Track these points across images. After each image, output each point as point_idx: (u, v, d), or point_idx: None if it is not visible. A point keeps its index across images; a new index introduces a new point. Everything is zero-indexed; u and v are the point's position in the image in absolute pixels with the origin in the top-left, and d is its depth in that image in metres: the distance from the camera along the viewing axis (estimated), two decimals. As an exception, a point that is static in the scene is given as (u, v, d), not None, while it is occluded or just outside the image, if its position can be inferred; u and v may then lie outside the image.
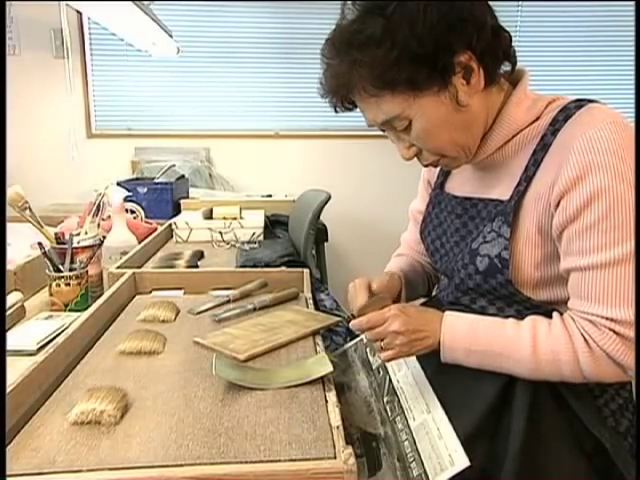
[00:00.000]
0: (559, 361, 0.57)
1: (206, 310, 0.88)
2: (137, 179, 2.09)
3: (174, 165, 2.16)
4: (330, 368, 0.62)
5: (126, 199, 1.35)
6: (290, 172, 2.61)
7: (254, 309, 0.88)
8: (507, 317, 0.63)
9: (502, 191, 0.66)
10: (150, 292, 1.00)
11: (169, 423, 0.53)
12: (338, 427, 0.51)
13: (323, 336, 0.80)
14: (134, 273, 1.00)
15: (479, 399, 0.61)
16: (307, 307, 0.91)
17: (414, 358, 0.69)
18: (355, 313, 0.65)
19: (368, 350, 0.80)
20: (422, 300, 0.88)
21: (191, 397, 0.59)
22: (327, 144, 2.63)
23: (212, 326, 0.82)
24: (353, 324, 0.64)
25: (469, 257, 0.66)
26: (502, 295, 0.65)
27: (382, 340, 0.62)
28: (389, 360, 0.64)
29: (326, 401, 0.58)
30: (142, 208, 1.65)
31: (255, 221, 1.57)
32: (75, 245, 0.93)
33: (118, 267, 1.04)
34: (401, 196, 1.92)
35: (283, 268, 1.15)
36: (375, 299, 0.65)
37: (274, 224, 1.75)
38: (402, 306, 0.64)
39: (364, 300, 0.68)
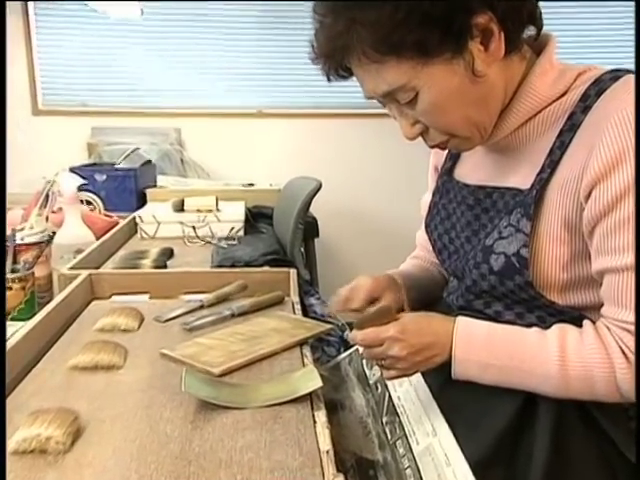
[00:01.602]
0: (592, 378, 0.57)
1: (175, 317, 0.89)
2: (94, 164, 2.09)
3: (138, 148, 2.15)
4: (319, 383, 0.62)
5: (81, 188, 1.35)
6: (275, 157, 2.61)
7: (232, 316, 0.89)
8: (528, 325, 0.63)
9: (522, 178, 0.66)
10: (109, 297, 1.01)
11: (129, 450, 0.53)
12: (328, 452, 0.52)
13: (313, 347, 0.81)
14: (90, 275, 1.01)
15: (494, 420, 0.61)
16: (294, 313, 0.92)
17: (418, 373, 0.68)
18: (354, 324, 0.66)
19: (365, 362, 0.80)
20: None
21: (156, 419, 0.59)
22: (318, 124, 2.64)
23: (182, 336, 0.82)
24: (350, 337, 0.64)
25: (482, 255, 0.66)
26: (521, 299, 0.65)
27: (382, 359, 0.63)
28: (391, 379, 0.64)
29: (314, 421, 0.58)
30: (100, 199, 1.65)
31: (234, 214, 1.58)
32: (19, 242, 0.93)
33: (71, 268, 1.04)
34: (405, 184, 1.92)
35: (266, 268, 1.15)
36: (376, 312, 0.65)
37: (256, 217, 1.76)
38: (402, 326, 0.62)
39: (359, 304, 0.68)
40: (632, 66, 0.63)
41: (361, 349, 0.77)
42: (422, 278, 0.85)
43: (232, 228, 1.51)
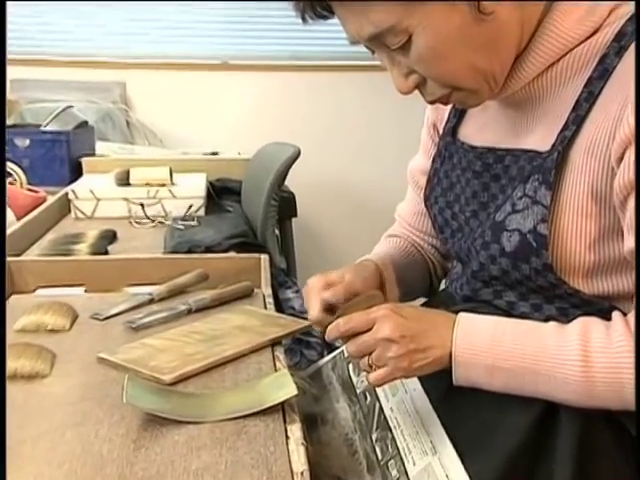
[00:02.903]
0: (621, 382, 0.57)
1: (118, 314, 0.89)
2: (14, 126, 2.04)
3: (72, 107, 2.11)
4: (293, 391, 0.63)
5: (-3, 155, 1.32)
6: (244, 119, 2.59)
7: (188, 311, 0.90)
8: (547, 319, 0.64)
9: (541, 138, 0.66)
10: (34, 290, 1.01)
11: (55, 476, 0.53)
12: (303, 473, 0.52)
13: (290, 350, 0.82)
14: (9, 263, 1.00)
15: (506, 435, 0.61)
16: (265, 308, 0.92)
17: (414, 378, 0.69)
18: (314, 327, 0.67)
19: (351, 367, 0.80)
20: (423, 300, 0.89)
21: (90, 437, 0.58)
22: (296, 79, 2.62)
23: (126, 336, 0.82)
24: (329, 331, 0.64)
25: (492, 233, 0.67)
26: (538, 287, 0.66)
27: (369, 355, 0.63)
28: (380, 383, 0.64)
29: (287, 437, 0.58)
30: (22, 169, 1.62)
31: (193, 189, 1.58)
32: None
33: (-16, 254, 1.03)
34: (401, 152, 1.90)
35: (232, 254, 1.15)
36: (360, 298, 0.66)
37: (221, 193, 1.75)
38: (395, 304, 0.64)
39: (317, 310, 0.68)
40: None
41: (345, 350, 0.78)
42: (406, 265, 0.86)
43: (190, 206, 1.51)
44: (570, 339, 0.60)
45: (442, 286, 0.90)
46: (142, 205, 1.49)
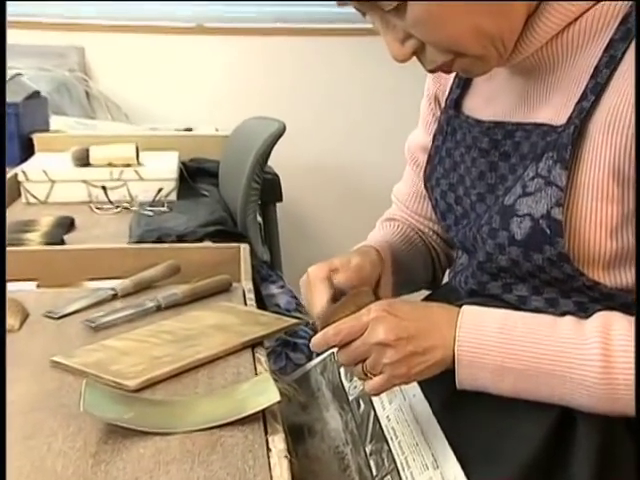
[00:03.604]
0: None
1: (76, 312, 0.89)
2: (-45, 98, 2.02)
3: (21, 75, 2.09)
4: (276, 397, 0.63)
5: None
6: (221, 90, 2.58)
7: (157, 309, 0.90)
8: (562, 315, 0.65)
9: (555, 110, 0.67)
10: None
11: (3, 495, 0.52)
12: (287, 491, 0.52)
13: (274, 353, 0.83)
14: None
15: (517, 446, 0.61)
16: (245, 305, 0.93)
17: (414, 383, 0.69)
18: (317, 324, 0.67)
19: (342, 371, 0.81)
20: (426, 293, 0.91)
21: (42, 452, 0.58)
22: (280, 44, 2.61)
23: (85, 337, 0.82)
24: (315, 342, 0.65)
25: (500, 219, 0.67)
26: (553, 279, 0.66)
27: (363, 362, 0.63)
28: (377, 392, 0.65)
29: (268, 449, 0.58)
30: (-35, 146, 1.60)
31: (163, 170, 1.58)
32: None
33: None
34: (398, 128, 1.89)
35: (207, 243, 1.16)
36: (347, 298, 0.67)
37: (195, 174, 1.76)
38: (388, 303, 0.65)
39: (324, 302, 0.69)
40: None
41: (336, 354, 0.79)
42: (405, 251, 0.86)
43: (159, 189, 1.51)
44: (589, 336, 0.60)
45: (445, 279, 0.91)
46: (104, 188, 1.49)
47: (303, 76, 2.63)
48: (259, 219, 1.81)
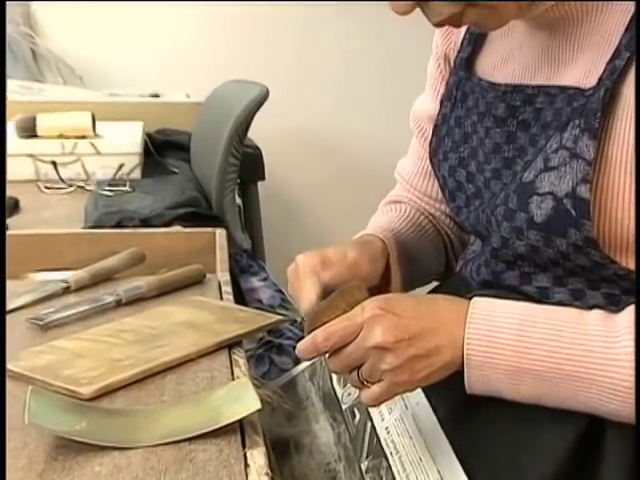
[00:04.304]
0: None
1: (20, 308, 0.89)
2: None
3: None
4: (256, 404, 0.62)
5: None
6: (193, 49, 2.55)
7: (117, 304, 0.90)
8: (590, 309, 0.65)
9: (583, 71, 0.67)
10: None
11: None
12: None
13: (256, 357, 0.83)
14: None
15: (538, 459, 0.62)
16: (220, 299, 0.93)
17: (417, 389, 0.69)
18: (305, 325, 0.68)
19: (335, 377, 0.81)
20: (434, 285, 0.91)
21: (-19, 470, 0.57)
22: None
23: (32, 337, 0.82)
24: (302, 349, 0.65)
25: (518, 198, 0.67)
26: (579, 268, 0.66)
27: (359, 368, 0.64)
28: (376, 403, 0.66)
29: (246, 465, 0.58)
30: None
31: (124, 143, 1.59)
32: None
33: None
34: (397, 95, 1.90)
35: (177, 228, 1.16)
36: (337, 295, 0.66)
37: (163, 148, 1.76)
38: (385, 299, 0.65)
39: (313, 297, 0.69)
40: None
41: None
42: (414, 240, 0.87)
43: (121, 166, 1.51)
44: (621, 332, 0.60)
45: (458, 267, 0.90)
46: (54, 164, 1.49)
47: (287, 33, 2.60)
48: (238, 200, 1.82)
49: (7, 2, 2.38)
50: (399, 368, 0.62)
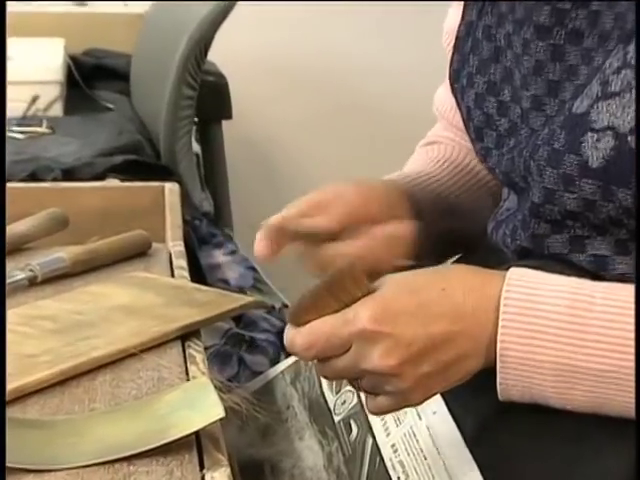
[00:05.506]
0: None
1: None
2: None
3: None
4: (218, 412, 0.63)
5: None
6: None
7: (31, 282, 0.92)
8: None
9: None
10: None
11: None
12: None
13: (221, 356, 0.87)
14: None
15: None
16: (172, 276, 0.97)
17: (437, 396, 0.71)
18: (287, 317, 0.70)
19: (325, 381, 0.83)
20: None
21: None
22: None
23: None
24: (286, 342, 0.67)
25: (566, 135, 0.68)
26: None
27: (356, 379, 0.67)
28: (383, 412, 0.69)
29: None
30: None
31: (40, 67, 1.62)
32: None
33: None
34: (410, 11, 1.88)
35: (113, 181, 1.16)
36: (324, 284, 0.66)
37: (93, 76, 1.79)
38: (383, 303, 0.65)
39: (291, 212, 0.77)
40: None
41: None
42: (458, 187, 0.90)
43: (35, 98, 1.53)
44: None
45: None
46: (-53, 97, 1.49)
47: None
48: (195, 146, 1.83)
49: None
50: (408, 390, 0.64)
